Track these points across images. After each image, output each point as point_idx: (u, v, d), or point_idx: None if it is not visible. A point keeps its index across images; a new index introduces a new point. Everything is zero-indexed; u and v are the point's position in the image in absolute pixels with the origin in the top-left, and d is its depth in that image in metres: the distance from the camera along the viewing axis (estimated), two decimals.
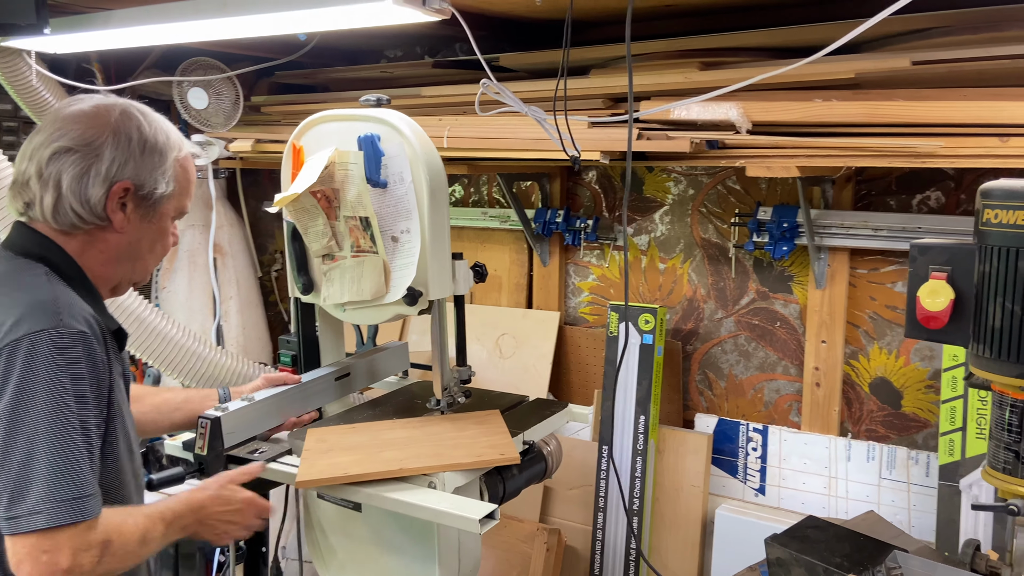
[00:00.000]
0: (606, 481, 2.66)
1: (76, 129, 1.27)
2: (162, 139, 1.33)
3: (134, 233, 1.33)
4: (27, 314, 1.16)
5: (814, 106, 1.85)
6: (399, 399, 2.03)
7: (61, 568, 1.09)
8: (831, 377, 2.43)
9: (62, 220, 1.27)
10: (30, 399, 1.11)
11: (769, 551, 1.49)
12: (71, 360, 1.15)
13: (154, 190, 1.31)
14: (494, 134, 2.17)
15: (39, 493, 1.09)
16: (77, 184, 1.26)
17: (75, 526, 1.10)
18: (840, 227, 2.28)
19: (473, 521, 1.38)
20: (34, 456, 1.10)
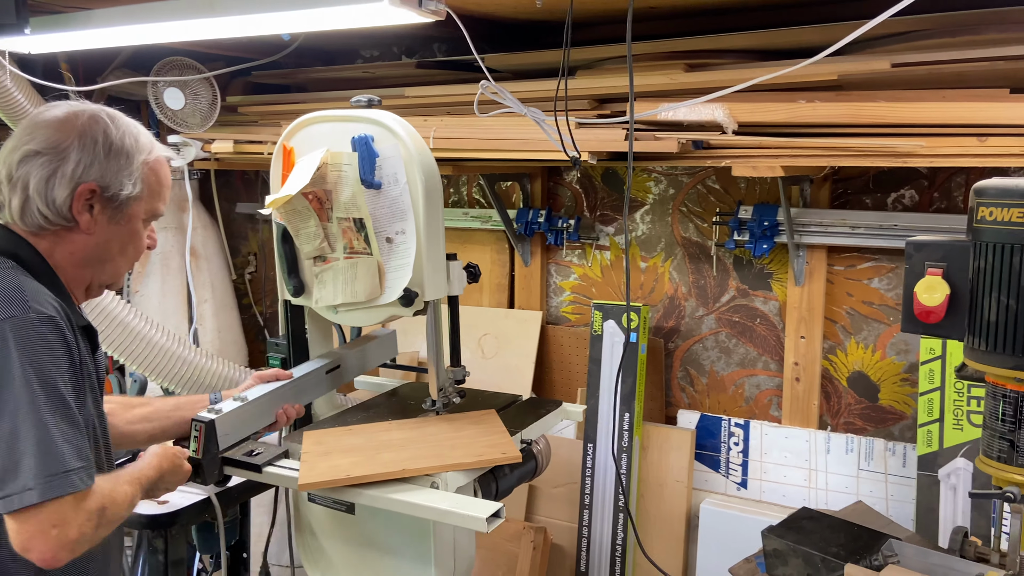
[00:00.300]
0: (591, 479, 2.68)
1: (45, 134, 1.30)
2: (129, 142, 1.35)
3: (102, 235, 1.35)
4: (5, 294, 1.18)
5: (799, 107, 1.89)
6: (391, 401, 2.03)
7: (71, 539, 1.13)
8: (810, 372, 2.49)
9: (29, 221, 1.30)
10: (6, 383, 1.13)
11: (766, 542, 1.52)
12: (43, 341, 1.18)
13: (119, 191, 1.33)
14: (480, 135, 2.17)
15: (31, 469, 1.11)
16: (44, 186, 1.28)
17: (75, 495, 1.13)
18: (819, 225, 2.34)
19: (480, 520, 1.39)
20: (19, 436, 1.12)
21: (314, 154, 1.77)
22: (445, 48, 3.05)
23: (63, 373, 1.19)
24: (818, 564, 1.44)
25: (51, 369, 1.17)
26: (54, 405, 1.15)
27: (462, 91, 2.36)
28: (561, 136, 1.59)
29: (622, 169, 2.79)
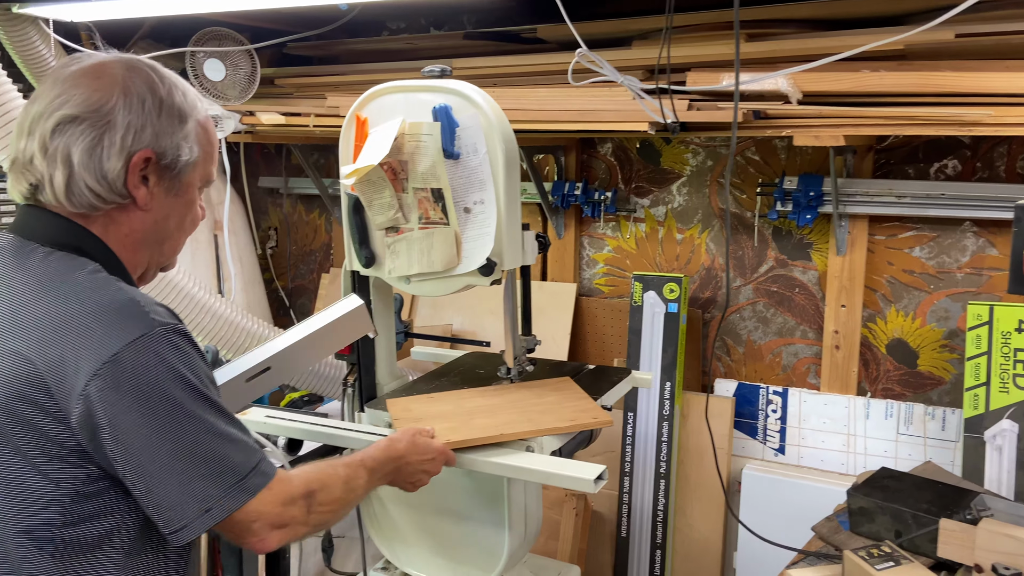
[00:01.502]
0: (632, 447, 2.73)
1: (81, 93, 1.07)
2: (179, 98, 1.14)
3: (160, 210, 1.15)
4: (112, 324, 1.00)
5: (865, 76, 1.92)
6: (460, 370, 2.04)
7: (274, 523, 1.08)
8: (850, 340, 2.54)
9: (78, 201, 1.08)
10: (157, 403, 1.00)
11: (851, 501, 1.57)
12: (180, 354, 1.04)
13: (177, 157, 1.13)
14: (533, 105, 2.18)
15: (228, 475, 1.05)
16: (89, 157, 1.06)
17: (269, 488, 1.08)
18: (864, 195, 2.38)
19: (588, 481, 1.42)
20: (197, 450, 1.03)
21: (390, 124, 1.76)
22: (475, 19, 3.04)
23: (203, 377, 1.07)
24: (908, 520, 1.48)
25: (191, 381, 1.04)
26: (210, 414, 1.05)
27: (512, 62, 2.36)
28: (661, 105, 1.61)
29: (657, 141, 2.81)
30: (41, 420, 1.00)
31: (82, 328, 1.00)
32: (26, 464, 1.00)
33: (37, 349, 1.00)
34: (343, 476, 1.23)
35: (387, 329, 2.05)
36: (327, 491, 1.18)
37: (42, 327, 1.01)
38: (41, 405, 0.99)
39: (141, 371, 0.99)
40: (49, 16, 2.13)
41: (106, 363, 0.98)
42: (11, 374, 1.00)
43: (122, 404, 0.98)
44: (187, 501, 1.02)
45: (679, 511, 2.71)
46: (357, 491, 1.26)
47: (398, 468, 1.39)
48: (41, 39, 2.27)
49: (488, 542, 1.84)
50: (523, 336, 1.92)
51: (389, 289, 2.02)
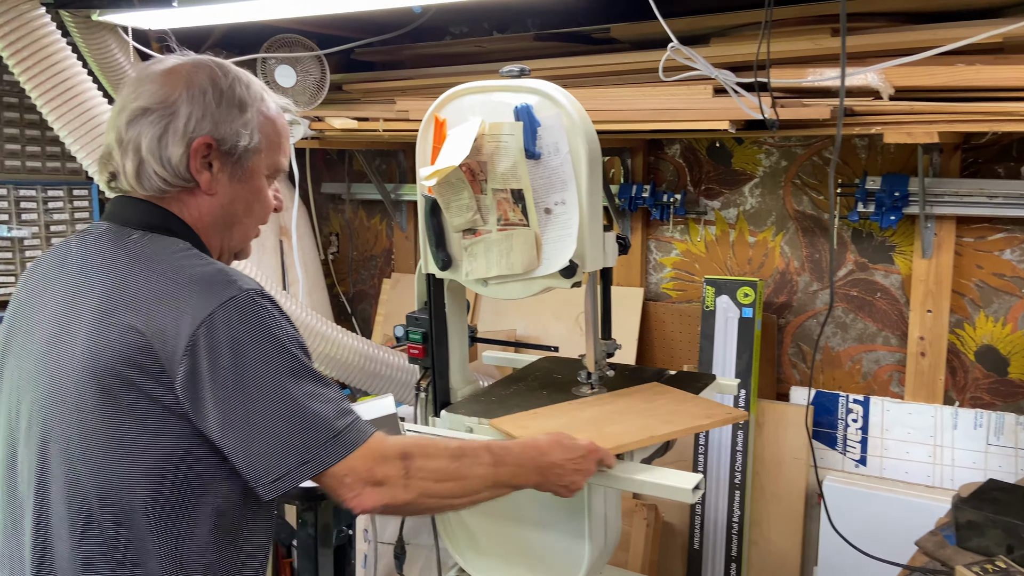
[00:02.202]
0: (704, 456, 2.65)
1: (150, 89, 1.18)
2: (240, 90, 1.22)
3: (225, 194, 1.23)
4: (205, 291, 1.09)
5: (960, 70, 1.84)
6: (536, 375, 2.00)
7: (364, 478, 1.10)
8: (936, 346, 2.44)
9: (148, 185, 1.18)
10: (251, 365, 1.07)
11: (959, 514, 1.48)
12: (269, 315, 1.11)
13: (236, 143, 1.20)
14: (612, 106, 2.13)
15: (322, 433, 1.08)
16: (156, 145, 1.16)
17: (364, 445, 1.10)
18: (953, 195, 2.28)
19: (686, 491, 1.36)
20: (287, 408, 1.07)
21: (469, 124, 1.74)
22: (539, 22, 3.01)
23: (294, 339, 1.12)
24: (1021, 534, 1.40)
25: (282, 339, 1.10)
26: (303, 373, 1.10)
27: (582, 63, 2.32)
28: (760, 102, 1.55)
29: (729, 142, 2.74)
30: (149, 384, 1.07)
31: (180, 297, 1.08)
32: (135, 425, 1.07)
33: (144, 320, 1.07)
34: (453, 448, 1.19)
35: (460, 333, 2.02)
36: (428, 458, 1.16)
37: (147, 300, 1.09)
38: (149, 370, 1.06)
39: (235, 329, 1.06)
40: (127, 24, 2.16)
41: (202, 323, 1.06)
42: (123, 343, 1.07)
43: (219, 362, 1.05)
44: (285, 453, 1.06)
45: (754, 523, 2.62)
46: (475, 471, 1.20)
47: (542, 468, 1.30)
48: (118, 46, 2.31)
49: (567, 552, 1.79)
50: (603, 340, 1.87)
51: (463, 292, 1.99)
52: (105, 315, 1.09)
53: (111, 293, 1.10)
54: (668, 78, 1.75)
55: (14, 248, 2.82)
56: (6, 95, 2.75)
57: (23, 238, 2.83)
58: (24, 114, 2.81)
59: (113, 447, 1.08)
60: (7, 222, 2.79)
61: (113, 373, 1.06)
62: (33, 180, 2.87)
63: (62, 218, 2.94)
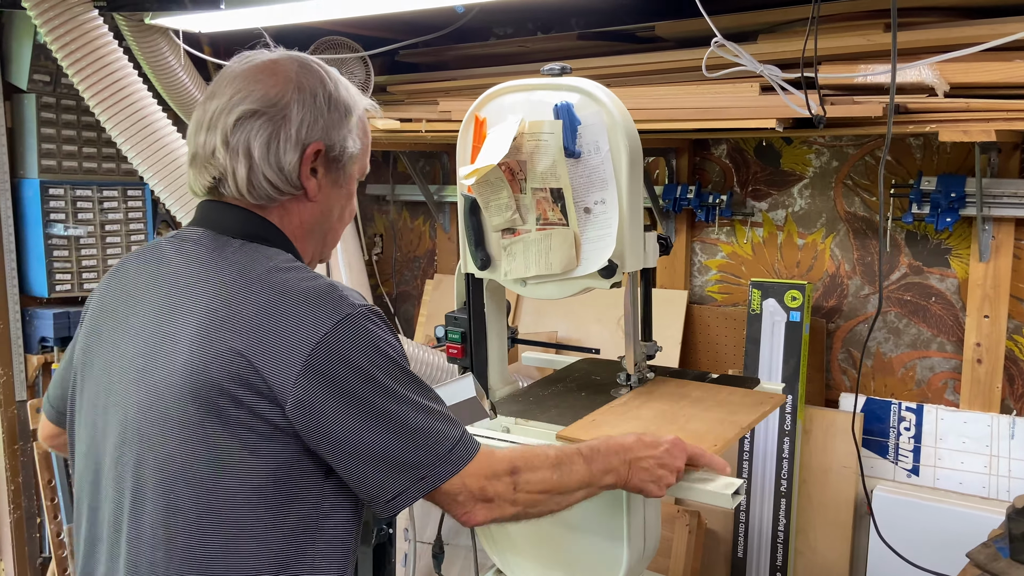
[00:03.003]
0: (750, 463, 2.60)
1: (258, 88, 1.12)
2: (345, 94, 1.19)
3: (326, 200, 1.19)
4: (317, 309, 1.05)
5: (1018, 66, 1.76)
6: (575, 376, 1.98)
7: (476, 495, 1.10)
8: (994, 353, 2.34)
9: (258, 193, 1.13)
10: (367, 384, 1.04)
11: (1012, 526, 1.42)
12: (381, 332, 1.08)
13: (343, 150, 1.17)
14: (657, 105, 2.10)
15: (436, 448, 1.07)
16: (267, 150, 1.11)
17: (475, 461, 1.09)
18: (1013, 196, 2.19)
19: (726, 496, 1.33)
20: (407, 426, 1.06)
21: (509, 123, 1.73)
22: (583, 22, 2.99)
23: (401, 355, 1.10)
24: None
25: (394, 357, 1.08)
26: (415, 388, 1.09)
27: (628, 61, 2.29)
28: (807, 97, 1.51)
29: (777, 141, 2.68)
30: (257, 403, 1.03)
31: (291, 315, 1.04)
32: (239, 442, 1.03)
33: (254, 339, 1.03)
34: (552, 457, 1.18)
35: (499, 334, 2.01)
36: (533, 471, 1.15)
37: (255, 317, 1.04)
38: (258, 389, 1.02)
39: (349, 349, 1.03)
40: (178, 27, 2.21)
41: (317, 344, 1.02)
42: (229, 362, 1.03)
43: (336, 385, 1.03)
44: (401, 471, 1.05)
45: (800, 532, 2.56)
46: (573, 476, 1.19)
47: (627, 463, 1.27)
48: (170, 50, 2.36)
49: (605, 556, 1.77)
50: (643, 342, 1.85)
51: (502, 292, 1.98)
52: (210, 331, 1.04)
53: (216, 309, 1.06)
54: (711, 75, 1.71)
55: (70, 247, 2.90)
56: (64, 98, 2.83)
57: (79, 237, 2.91)
58: (81, 116, 2.89)
59: (216, 465, 1.03)
60: (64, 221, 2.88)
61: (219, 391, 1.02)
62: (89, 180, 2.95)
63: (116, 218, 3.02)
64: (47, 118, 2.81)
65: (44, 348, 2.93)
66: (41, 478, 2.88)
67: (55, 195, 2.85)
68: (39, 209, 2.81)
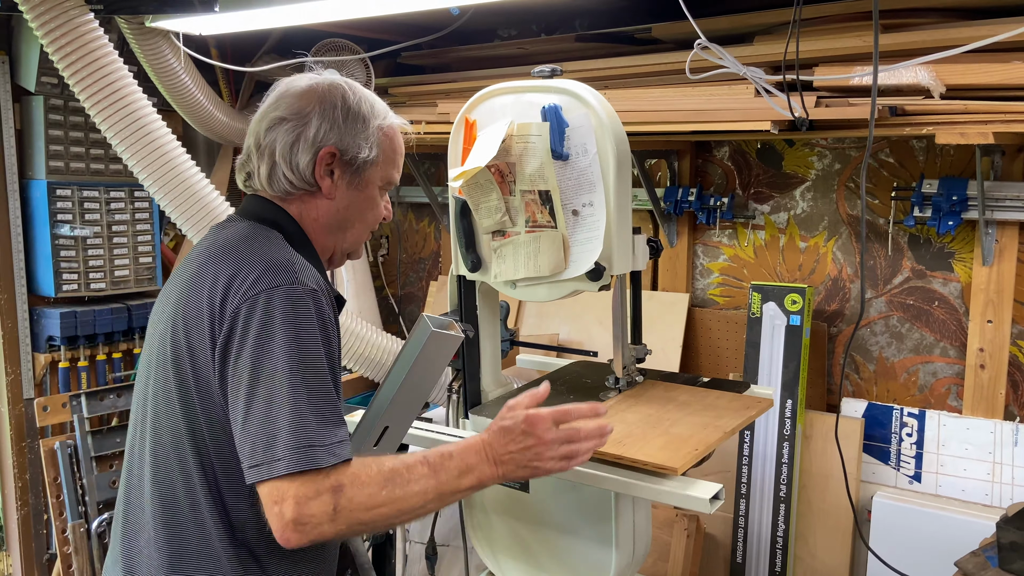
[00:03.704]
0: (748, 467, 2.58)
1: (289, 101, 1.34)
2: (365, 108, 1.37)
3: (342, 199, 1.37)
4: (265, 272, 1.20)
5: (1016, 67, 1.73)
6: (566, 378, 1.98)
7: (287, 519, 1.07)
8: (997, 359, 2.31)
9: (277, 187, 1.33)
10: (268, 351, 1.14)
11: (1001, 535, 1.40)
12: (304, 313, 1.17)
13: (357, 155, 1.34)
14: (649, 106, 2.09)
15: (279, 442, 1.10)
16: (288, 151, 1.31)
17: (303, 474, 1.07)
18: (1016, 199, 2.16)
19: (703, 501, 1.32)
20: (274, 406, 1.12)
21: (498, 125, 1.73)
22: (586, 23, 2.98)
23: (318, 346, 1.17)
24: None
25: (311, 341, 1.16)
26: (308, 378, 1.14)
27: (625, 63, 2.29)
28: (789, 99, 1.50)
29: (779, 143, 2.66)
30: (205, 348, 1.19)
31: (243, 273, 1.20)
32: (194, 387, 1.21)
33: (212, 289, 1.21)
34: (386, 471, 1.13)
35: (493, 336, 2.01)
36: (360, 487, 1.10)
37: (220, 273, 1.22)
38: (206, 332, 1.19)
39: (271, 313, 1.15)
40: (177, 29, 2.23)
41: (249, 299, 1.17)
42: (193, 311, 1.22)
43: (247, 338, 1.15)
44: (265, 444, 1.11)
45: (800, 538, 2.53)
46: (411, 488, 1.13)
47: (491, 460, 1.23)
48: (172, 52, 2.38)
49: (594, 560, 1.76)
50: (633, 345, 1.84)
51: (495, 294, 1.98)
52: (190, 285, 1.24)
53: (199, 270, 1.25)
54: (694, 76, 1.70)
55: (77, 247, 2.94)
56: (71, 100, 2.87)
57: (86, 237, 2.95)
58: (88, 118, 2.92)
59: (180, 406, 1.22)
60: (71, 222, 2.91)
61: (182, 338, 1.21)
62: (96, 182, 2.98)
63: (123, 218, 3.06)
64: (55, 120, 2.85)
65: (51, 347, 2.97)
66: (47, 475, 2.92)
67: (62, 196, 2.88)
68: (46, 210, 2.85)
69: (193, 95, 2.53)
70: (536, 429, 1.25)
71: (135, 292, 3.13)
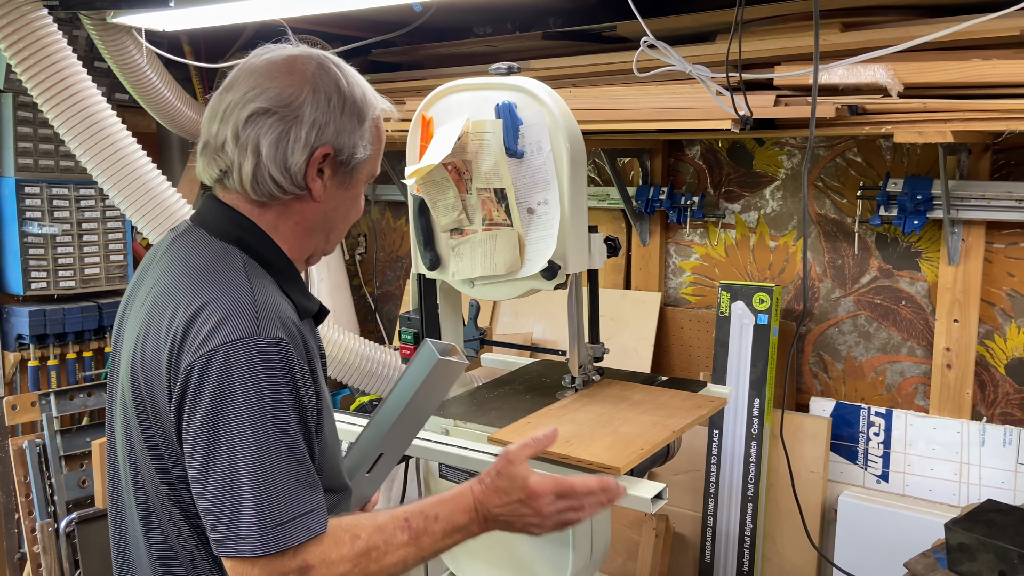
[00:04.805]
0: (717, 467, 2.57)
1: (273, 87, 1.11)
2: (359, 96, 1.16)
3: (331, 202, 1.18)
4: (224, 319, 1.03)
5: (975, 65, 1.73)
6: (525, 377, 1.97)
7: None
8: (964, 358, 2.31)
9: (261, 190, 1.13)
10: (227, 413, 1.00)
11: (950, 536, 1.39)
12: (268, 368, 1.02)
13: (353, 155, 1.16)
14: (612, 105, 2.08)
15: (243, 519, 0.98)
16: (275, 150, 1.11)
17: (272, 556, 0.98)
18: (980, 199, 2.15)
19: (646, 500, 1.32)
20: (236, 476, 0.99)
21: (454, 123, 1.72)
22: (561, 21, 2.97)
23: (289, 402, 1.03)
24: (1014, 560, 1.30)
25: (277, 399, 1.02)
26: (274, 445, 1.00)
27: (590, 61, 2.28)
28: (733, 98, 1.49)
29: (749, 142, 2.66)
30: (164, 397, 1.06)
31: (205, 317, 1.04)
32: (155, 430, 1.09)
33: (167, 334, 1.06)
34: (362, 543, 1.04)
35: (455, 334, 2.00)
36: (329, 566, 1.01)
37: (175, 318, 1.06)
38: (164, 381, 1.06)
39: (228, 370, 1.01)
40: (140, 25, 2.21)
41: (200, 357, 1.02)
42: (151, 352, 1.08)
43: (199, 397, 1.01)
44: (219, 516, 1.00)
45: (768, 537, 2.53)
46: (388, 560, 1.05)
47: (482, 518, 1.15)
48: (137, 49, 2.37)
49: (551, 560, 1.76)
50: (590, 344, 1.83)
51: (457, 293, 1.97)
52: (150, 316, 1.10)
53: (160, 299, 1.10)
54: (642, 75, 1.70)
55: (46, 245, 2.92)
56: None
57: (55, 235, 2.93)
58: None
59: (150, 453, 1.10)
60: (40, 219, 2.90)
61: (141, 380, 1.09)
62: (66, 179, 2.97)
63: (93, 216, 3.04)
64: (24, 117, 2.83)
65: (21, 346, 2.95)
66: (16, 474, 2.90)
67: (31, 193, 2.86)
68: (15, 207, 2.83)
69: (160, 92, 2.51)
70: (536, 503, 1.16)
71: (106, 291, 3.11)
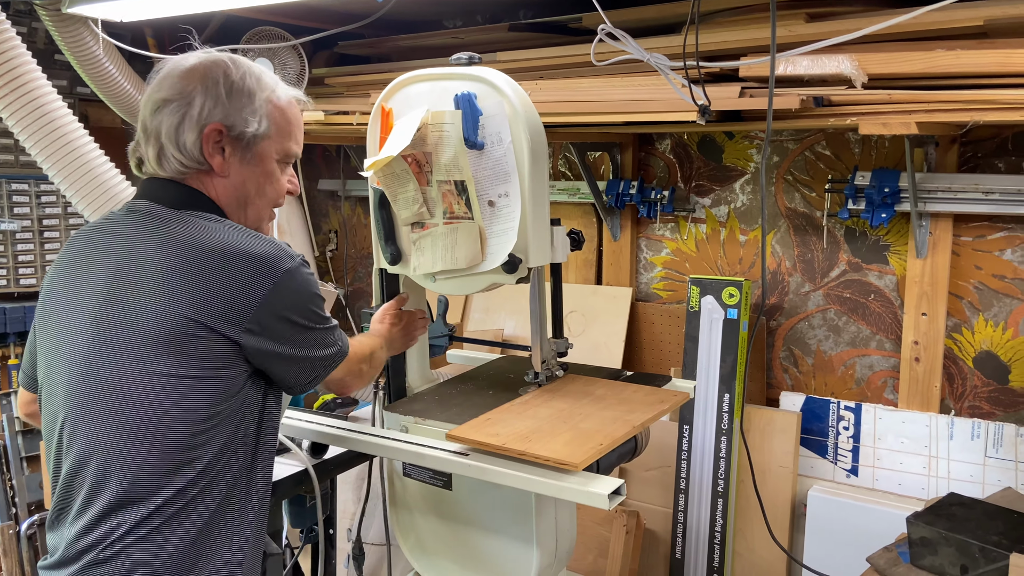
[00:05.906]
0: (687, 462, 2.56)
1: (172, 82, 1.30)
2: (250, 81, 1.34)
3: (236, 175, 1.34)
4: (263, 264, 1.23)
5: (939, 56, 1.72)
6: (489, 373, 1.94)
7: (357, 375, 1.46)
8: (932, 352, 2.30)
9: (167, 167, 1.30)
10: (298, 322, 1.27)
11: (912, 530, 1.38)
12: (311, 277, 1.32)
13: (245, 130, 1.32)
14: (578, 97, 2.06)
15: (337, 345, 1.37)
16: (174, 132, 1.29)
17: (349, 356, 1.40)
18: (947, 191, 2.15)
19: (602, 497, 1.29)
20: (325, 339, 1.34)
21: (414, 114, 1.68)
22: (531, 13, 2.94)
23: (321, 300, 1.34)
24: (975, 554, 1.29)
25: (318, 294, 1.31)
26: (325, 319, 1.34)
27: (556, 53, 2.25)
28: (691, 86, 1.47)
29: (719, 136, 2.64)
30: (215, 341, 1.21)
31: (241, 270, 1.22)
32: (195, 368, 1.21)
33: (212, 292, 1.21)
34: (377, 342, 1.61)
35: None
36: (378, 351, 1.57)
37: (211, 274, 1.21)
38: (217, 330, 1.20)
39: (290, 296, 1.26)
40: (96, 16, 2.16)
41: (269, 292, 1.22)
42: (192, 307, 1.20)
43: (281, 321, 1.25)
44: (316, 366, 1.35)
45: (739, 533, 2.52)
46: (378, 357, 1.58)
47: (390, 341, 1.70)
48: (93, 39, 2.31)
49: (515, 559, 1.73)
50: (553, 339, 1.80)
51: (421, 289, 1.94)
52: (171, 287, 1.21)
53: (173, 268, 1.21)
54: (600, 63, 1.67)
55: (6, 241, 2.86)
56: None
57: (15, 232, 2.87)
58: None
59: (170, 390, 1.19)
60: None
61: (182, 335, 1.19)
62: (26, 174, 2.90)
63: (55, 212, 2.98)
64: None
65: None
66: None
67: None
68: None
69: (119, 84, 2.46)
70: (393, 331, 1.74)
71: None
